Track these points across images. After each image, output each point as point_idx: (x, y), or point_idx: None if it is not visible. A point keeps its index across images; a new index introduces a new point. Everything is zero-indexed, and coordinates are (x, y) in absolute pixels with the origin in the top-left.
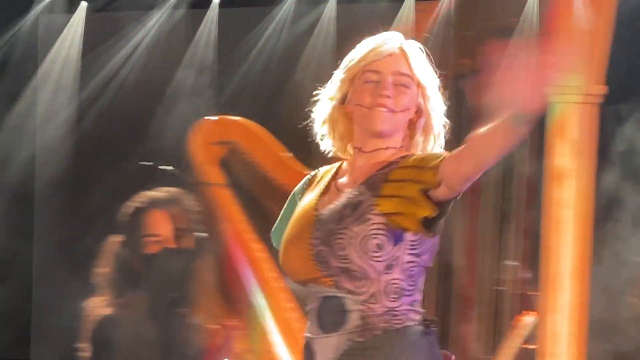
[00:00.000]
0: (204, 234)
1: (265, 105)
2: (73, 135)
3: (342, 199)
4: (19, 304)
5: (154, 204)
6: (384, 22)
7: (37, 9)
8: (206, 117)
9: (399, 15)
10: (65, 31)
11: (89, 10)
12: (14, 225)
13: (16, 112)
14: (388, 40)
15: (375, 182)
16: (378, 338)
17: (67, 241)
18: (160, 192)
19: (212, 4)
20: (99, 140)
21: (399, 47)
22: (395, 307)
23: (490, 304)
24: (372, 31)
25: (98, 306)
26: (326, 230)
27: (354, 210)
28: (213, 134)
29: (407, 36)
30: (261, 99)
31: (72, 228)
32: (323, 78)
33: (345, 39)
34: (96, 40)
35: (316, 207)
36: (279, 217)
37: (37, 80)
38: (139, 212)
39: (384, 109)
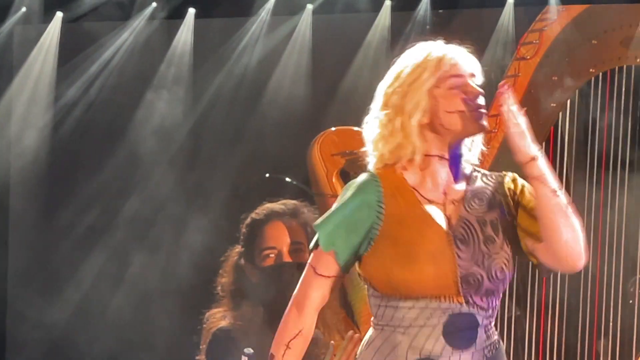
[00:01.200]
0: None
1: (241, 116)
2: (48, 146)
3: (470, 219)
4: None
5: (273, 215)
6: (360, 33)
7: (11, 19)
8: (327, 129)
9: (374, 25)
10: (40, 42)
11: (64, 21)
12: None
13: None
14: (445, 47)
15: (488, 197)
16: (498, 352)
17: (43, 252)
18: (279, 204)
19: (187, 15)
20: (74, 151)
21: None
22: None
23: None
24: (348, 41)
25: (216, 318)
26: (478, 253)
27: (496, 230)
28: (333, 145)
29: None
30: (237, 109)
31: (47, 239)
32: (298, 88)
33: (321, 49)
34: (72, 51)
35: (440, 224)
36: (349, 223)
37: (12, 91)
38: (258, 223)
39: (482, 109)
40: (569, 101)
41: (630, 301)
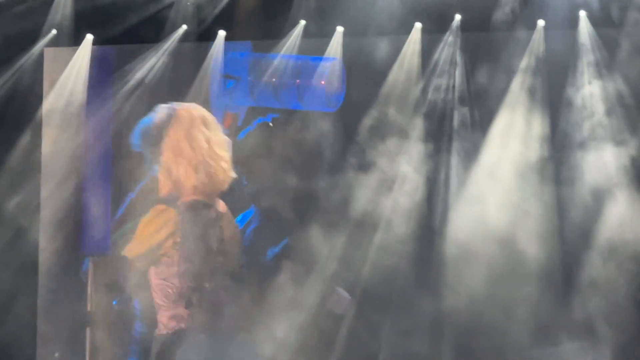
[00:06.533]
0: None
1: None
2: (80, 167)
3: None
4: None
5: None
6: (390, 55)
7: (42, 42)
8: None
9: (405, 47)
10: (70, 64)
11: (94, 43)
12: (19, 263)
13: (22, 146)
14: None
15: None
16: None
17: (71, 276)
18: None
19: (217, 37)
20: (106, 172)
21: None
22: None
23: None
24: (378, 63)
25: None
26: None
27: None
28: None
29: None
30: (269, 129)
31: (76, 262)
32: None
33: (352, 71)
34: (102, 73)
35: None
36: None
37: (42, 113)
38: None
39: None
40: None
41: None
